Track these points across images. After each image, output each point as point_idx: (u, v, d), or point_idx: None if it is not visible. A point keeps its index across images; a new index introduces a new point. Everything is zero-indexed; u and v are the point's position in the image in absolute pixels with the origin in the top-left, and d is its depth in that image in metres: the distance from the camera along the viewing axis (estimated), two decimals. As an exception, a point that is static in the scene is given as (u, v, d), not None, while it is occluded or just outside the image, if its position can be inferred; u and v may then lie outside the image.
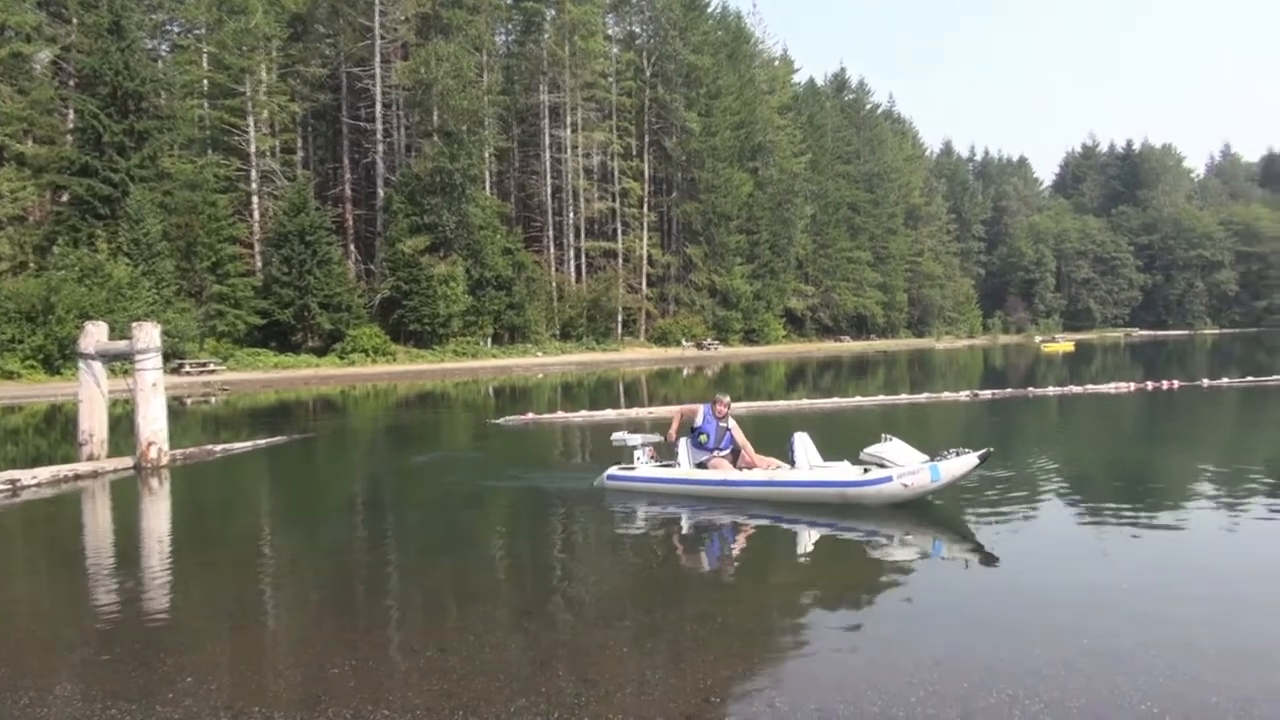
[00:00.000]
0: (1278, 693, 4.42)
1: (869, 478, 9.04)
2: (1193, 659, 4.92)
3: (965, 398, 23.50)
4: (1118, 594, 6.44)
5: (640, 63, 68.35)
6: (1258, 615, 5.77)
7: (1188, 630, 5.44)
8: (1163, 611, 5.87)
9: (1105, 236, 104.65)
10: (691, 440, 10.45)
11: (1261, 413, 20.52)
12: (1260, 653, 5.09)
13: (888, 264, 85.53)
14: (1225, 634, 5.37)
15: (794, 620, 6.10)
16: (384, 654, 5.53)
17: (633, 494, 10.32)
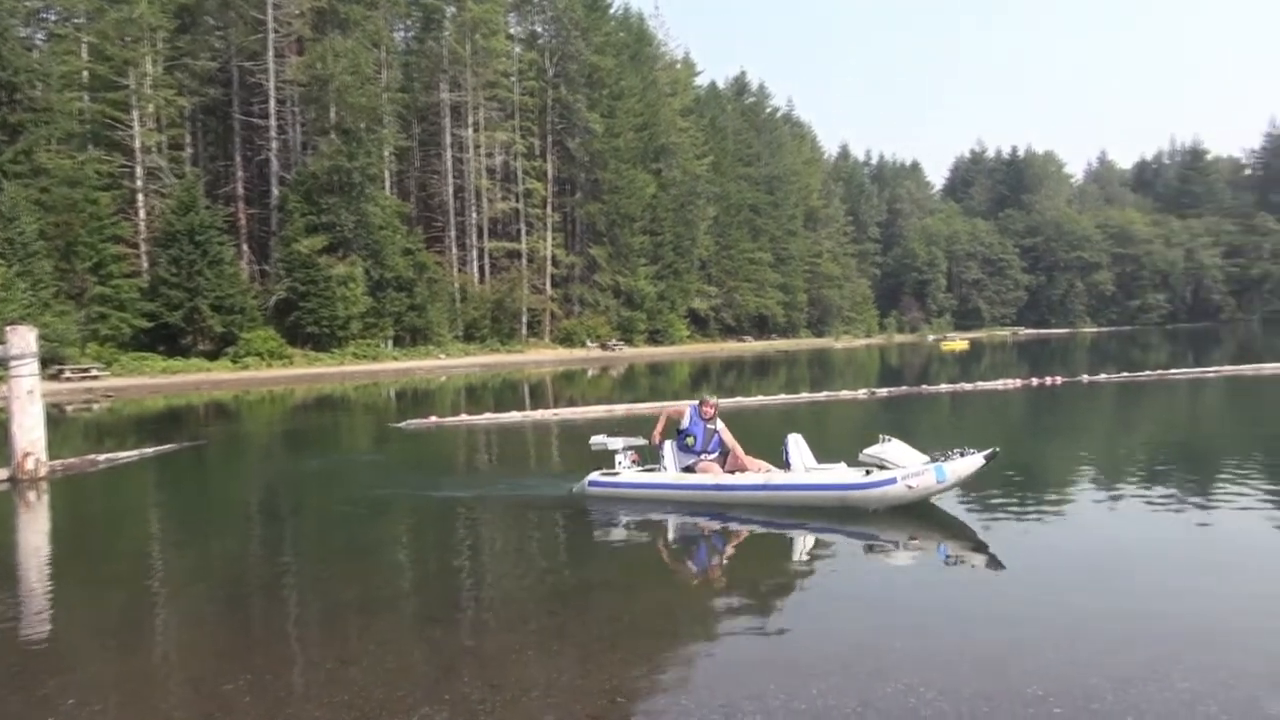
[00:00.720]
0: (1156, 673, 4.67)
1: (871, 480, 8.68)
2: (1079, 643, 5.17)
3: (863, 396, 24.13)
4: (1009, 582, 6.71)
5: (543, 62, 68.08)
6: (1142, 599, 6.09)
7: (1076, 615, 5.71)
8: (1052, 598, 6.14)
9: (993, 239, 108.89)
10: (677, 443, 9.91)
11: (1136, 406, 21.67)
12: (1143, 635, 5.37)
13: (788, 265, 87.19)
14: (1111, 617, 5.65)
15: (703, 619, 6.17)
16: (281, 668, 5.38)
17: (615, 501, 9.75)
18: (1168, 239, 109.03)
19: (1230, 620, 5.57)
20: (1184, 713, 4.16)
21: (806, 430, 9.69)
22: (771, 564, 7.66)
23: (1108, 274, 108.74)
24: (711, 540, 8.64)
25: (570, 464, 15.13)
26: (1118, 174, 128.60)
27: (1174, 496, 9.53)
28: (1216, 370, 28.62)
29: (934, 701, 4.34)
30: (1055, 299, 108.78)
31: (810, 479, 9.02)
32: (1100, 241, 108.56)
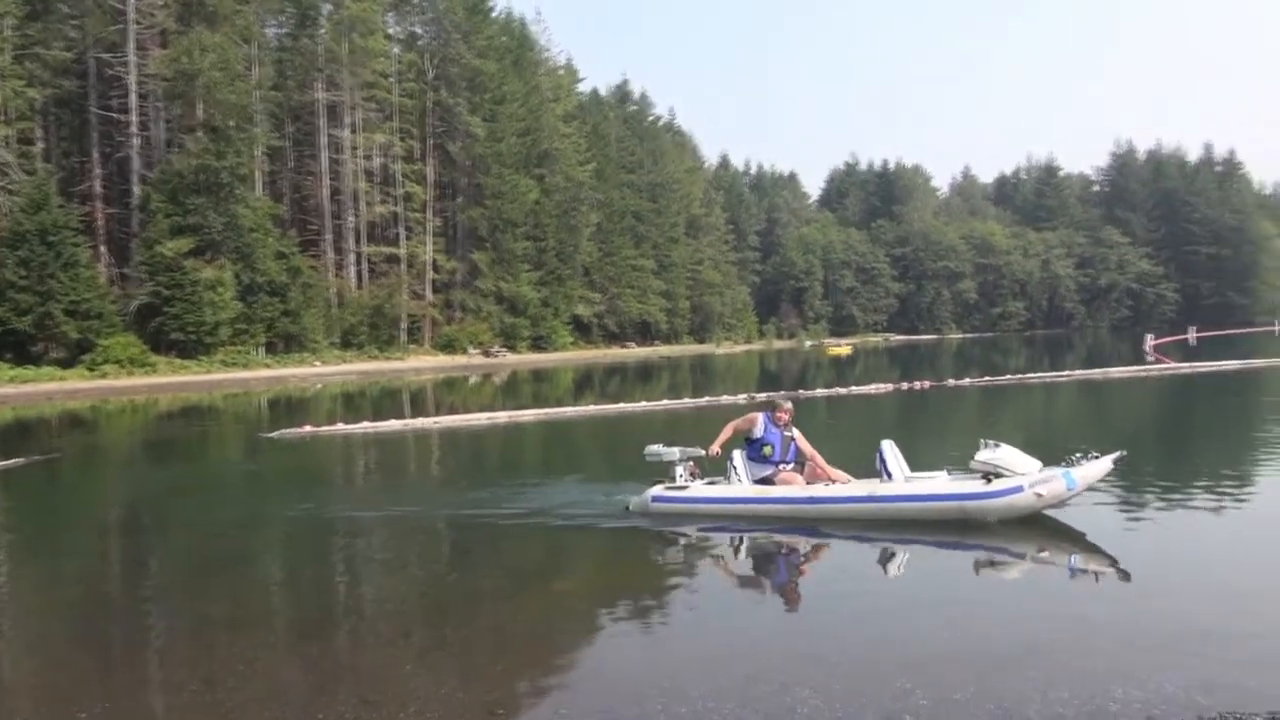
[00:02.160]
0: (987, 668, 4.93)
1: (995, 489, 7.95)
2: (945, 634, 5.41)
3: (743, 400, 24.61)
4: (876, 580, 6.97)
5: (423, 64, 66.89)
6: (997, 591, 6.41)
7: (935, 608, 5.98)
8: (912, 594, 6.40)
9: (866, 248, 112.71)
10: (749, 453, 9.09)
11: (997, 408, 22.80)
12: (954, 643, 5.65)
13: (670, 272, 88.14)
14: (960, 616, 5.93)
15: (585, 626, 6.18)
16: (142, 692, 5.12)
17: (683, 518, 8.83)
18: (1025, 250, 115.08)
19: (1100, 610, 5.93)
20: (1038, 697, 4.40)
21: (687, 435, 9.81)
22: (648, 569, 7.73)
23: (971, 283, 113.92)
24: (590, 543, 8.65)
25: (450, 471, 14.92)
26: (980, 188, 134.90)
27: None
28: (1069, 374, 30.41)
29: (807, 699, 4.47)
30: (924, 306, 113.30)
31: (925, 489, 8.28)
32: (964, 252, 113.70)
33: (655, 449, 9.32)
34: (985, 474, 8.08)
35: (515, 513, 9.70)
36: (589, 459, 15.40)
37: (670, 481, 9.10)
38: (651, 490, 9.10)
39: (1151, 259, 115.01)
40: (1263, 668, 4.73)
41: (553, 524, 9.19)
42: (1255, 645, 5.13)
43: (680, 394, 27.77)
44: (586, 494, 10.60)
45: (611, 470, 13.05)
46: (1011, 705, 4.31)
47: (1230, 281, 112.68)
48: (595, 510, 9.59)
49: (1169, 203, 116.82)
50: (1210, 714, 4.11)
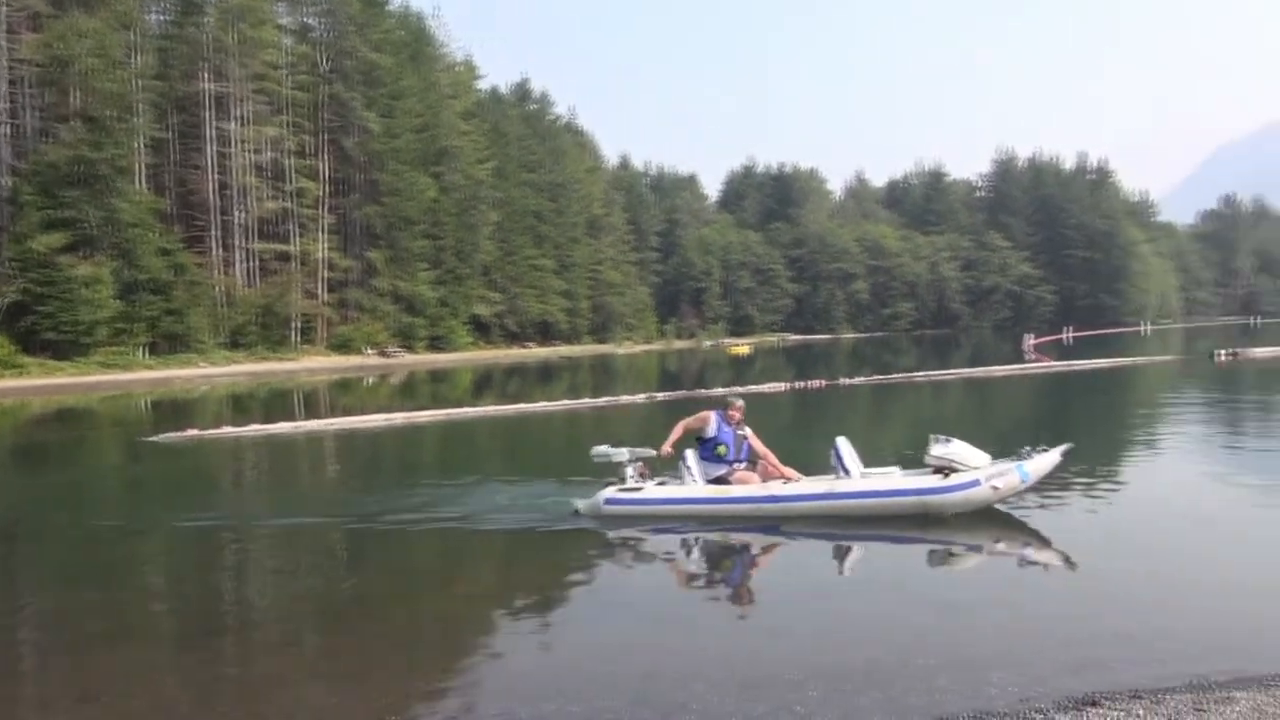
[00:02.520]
0: (839, 671, 5.12)
1: (954, 483, 8.09)
2: (842, 626, 5.57)
3: (642, 400, 24.77)
4: (787, 576, 7.13)
5: (316, 57, 65.09)
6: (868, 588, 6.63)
7: (837, 601, 6.15)
8: (818, 588, 6.57)
9: (763, 250, 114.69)
10: (702, 453, 8.96)
11: (887, 405, 23.54)
12: (848, 633, 5.85)
13: (571, 272, 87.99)
14: (860, 609, 6.12)
15: (480, 628, 6.14)
16: (9, 711, 4.86)
17: (638, 520, 8.60)
18: (915, 253, 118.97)
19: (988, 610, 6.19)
20: (922, 686, 4.58)
21: (590, 434, 9.83)
22: (546, 569, 7.72)
23: (864, 284, 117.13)
24: (488, 544, 8.58)
25: (346, 475, 14.58)
26: (872, 192, 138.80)
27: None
28: (955, 373, 31.59)
29: (704, 695, 4.55)
30: (819, 306, 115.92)
31: (885, 485, 8.37)
32: (857, 254, 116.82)
33: (603, 449, 9.06)
34: (940, 469, 8.24)
35: (414, 516, 9.54)
36: (489, 460, 15.26)
37: (621, 483, 8.84)
38: (603, 492, 8.81)
39: (1031, 262, 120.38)
40: (1128, 649, 5.03)
41: (453, 526, 9.08)
42: (1122, 628, 5.45)
43: (581, 394, 27.76)
44: (487, 495, 10.51)
45: (511, 471, 12.97)
46: (898, 695, 4.47)
47: (1102, 284, 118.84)
48: (497, 511, 9.52)
49: (1047, 208, 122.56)
50: (1078, 694, 4.35)
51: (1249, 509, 9.02)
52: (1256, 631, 5.35)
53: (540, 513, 9.30)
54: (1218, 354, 34.23)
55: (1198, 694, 4.27)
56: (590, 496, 8.95)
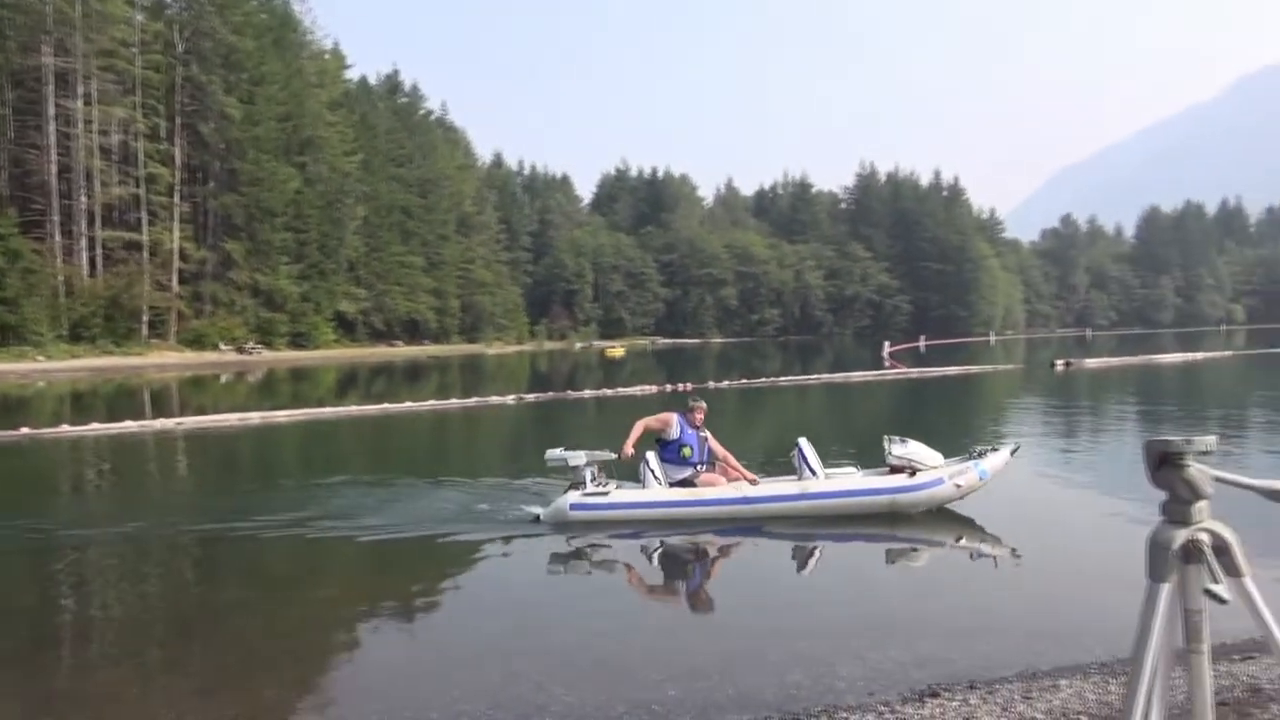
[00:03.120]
0: (754, 650, 5.27)
1: (920, 482, 8.39)
2: (699, 626, 5.68)
3: (511, 401, 24.60)
4: (638, 580, 7.21)
5: (171, 36, 61.85)
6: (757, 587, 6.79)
7: (698, 602, 6.27)
8: (691, 592, 6.68)
9: (635, 253, 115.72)
10: (664, 455, 8.84)
11: (754, 409, 24.13)
12: (705, 633, 6.01)
13: (441, 270, 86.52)
14: (720, 610, 6.26)
15: (338, 636, 5.98)
16: None
17: (602, 526, 8.40)
18: (781, 261, 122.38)
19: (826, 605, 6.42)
20: (775, 682, 4.74)
21: (458, 436, 9.71)
22: (408, 573, 7.59)
23: (733, 290, 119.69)
24: (347, 549, 8.36)
25: (197, 478, 13.91)
26: (741, 200, 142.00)
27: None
28: (818, 378, 32.71)
29: (560, 696, 4.57)
30: (689, 311, 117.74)
31: (856, 484, 8.58)
32: (727, 260, 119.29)
33: (557, 453, 8.77)
34: (900, 468, 8.53)
35: (271, 521, 9.19)
36: (351, 461, 14.84)
37: (581, 487, 8.57)
38: (567, 498, 8.55)
39: (890, 272, 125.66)
40: (967, 641, 5.33)
41: (313, 532, 8.80)
42: (962, 622, 5.78)
43: (449, 394, 27.34)
44: (351, 498, 10.24)
45: (374, 471, 12.67)
46: (752, 691, 4.61)
47: (954, 295, 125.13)
48: (360, 512, 9.28)
49: (905, 222, 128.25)
50: (920, 685, 4.58)
51: (1078, 506, 9.70)
52: (1083, 620, 5.76)
53: (401, 516, 9.13)
54: (1056, 364, 36.58)
55: (1027, 682, 4.57)
56: (549, 502, 8.71)
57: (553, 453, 8.81)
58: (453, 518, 9.07)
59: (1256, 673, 4.51)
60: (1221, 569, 1.44)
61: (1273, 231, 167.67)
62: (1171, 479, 1.49)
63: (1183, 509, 1.47)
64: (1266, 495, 1.54)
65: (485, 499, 9.84)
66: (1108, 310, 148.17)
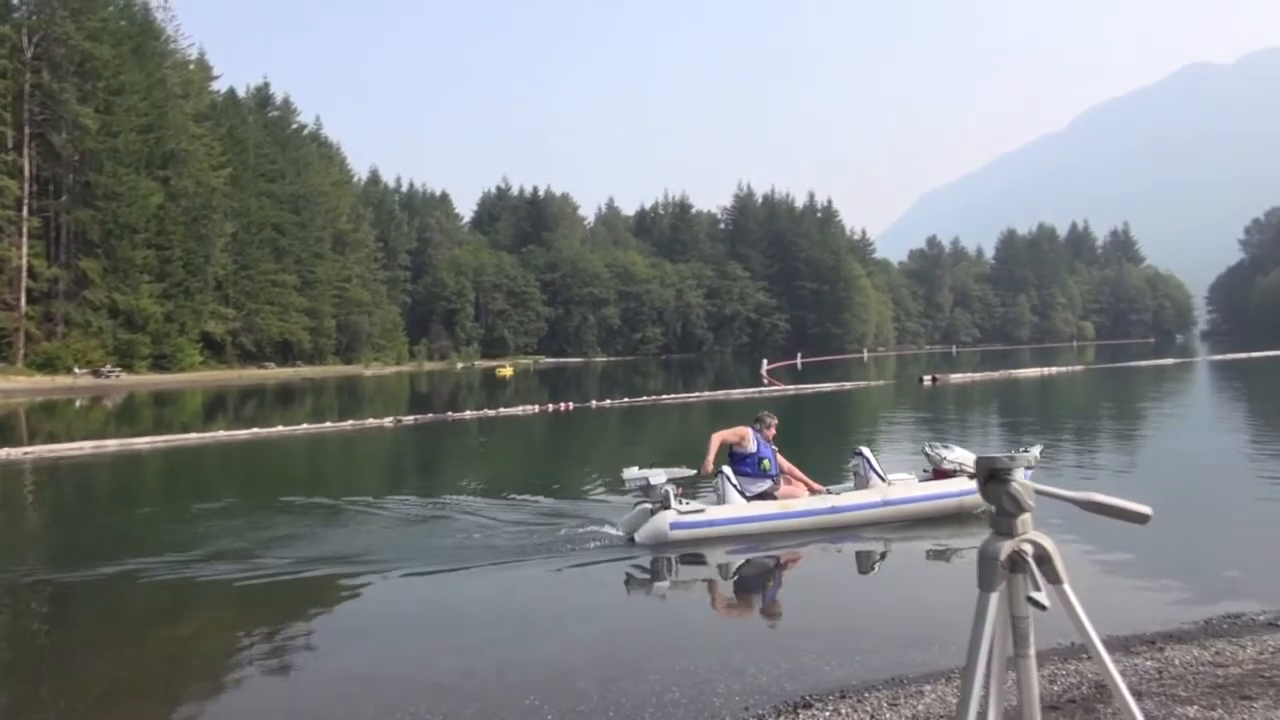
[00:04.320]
0: (633, 670, 5.30)
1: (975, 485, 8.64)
2: (580, 646, 5.67)
3: (390, 424, 24.05)
4: (515, 602, 7.15)
5: (19, 40, 58.26)
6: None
7: (571, 622, 6.26)
8: (572, 609, 6.65)
9: (517, 272, 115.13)
10: (741, 469, 8.85)
11: (635, 427, 24.29)
12: (580, 655, 6.03)
13: (315, 288, 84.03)
14: (600, 629, 6.26)
15: (198, 674, 5.71)
16: None
17: (702, 544, 8.36)
18: (662, 280, 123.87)
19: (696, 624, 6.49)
20: (654, 700, 4.78)
21: (334, 460, 9.43)
22: (289, 609, 7.32)
23: (615, 309, 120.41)
24: (238, 586, 8.01)
25: (48, 510, 13.05)
26: (623, 219, 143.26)
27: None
28: (699, 395, 33.19)
29: (424, 715, 4.50)
30: (571, 330, 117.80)
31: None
32: (609, 280, 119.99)
33: (635, 473, 8.61)
34: (950, 472, 9.15)
35: (130, 555, 8.70)
36: (220, 489, 14.21)
37: (660, 505, 8.44)
38: (665, 517, 8.36)
39: (767, 291, 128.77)
40: (838, 651, 5.49)
41: (175, 565, 8.37)
42: (833, 632, 5.95)
43: (325, 417, 26.54)
44: (218, 528, 9.80)
45: (246, 499, 12.18)
46: (630, 711, 4.63)
47: (829, 314, 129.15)
48: (225, 546, 8.89)
49: (781, 242, 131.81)
50: (795, 697, 4.70)
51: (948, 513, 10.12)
52: (951, 625, 6.00)
53: (271, 550, 8.80)
54: (924, 379, 38.18)
55: (894, 690, 4.74)
56: (640, 523, 8.51)
57: (631, 472, 8.68)
58: (327, 556, 8.78)
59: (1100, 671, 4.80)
60: (1044, 577, 1.56)
61: (1117, 253, 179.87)
62: (998, 493, 1.60)
63: (1008, 521, 1.58)
64: (1082, 506, 1.66)
65: (352, 527, 9.57)
66: (971, 327, 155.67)
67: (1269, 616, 5.82)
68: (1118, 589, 6.86)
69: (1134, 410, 24.60)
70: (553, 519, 9.86)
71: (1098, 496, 1.63)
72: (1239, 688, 4.36)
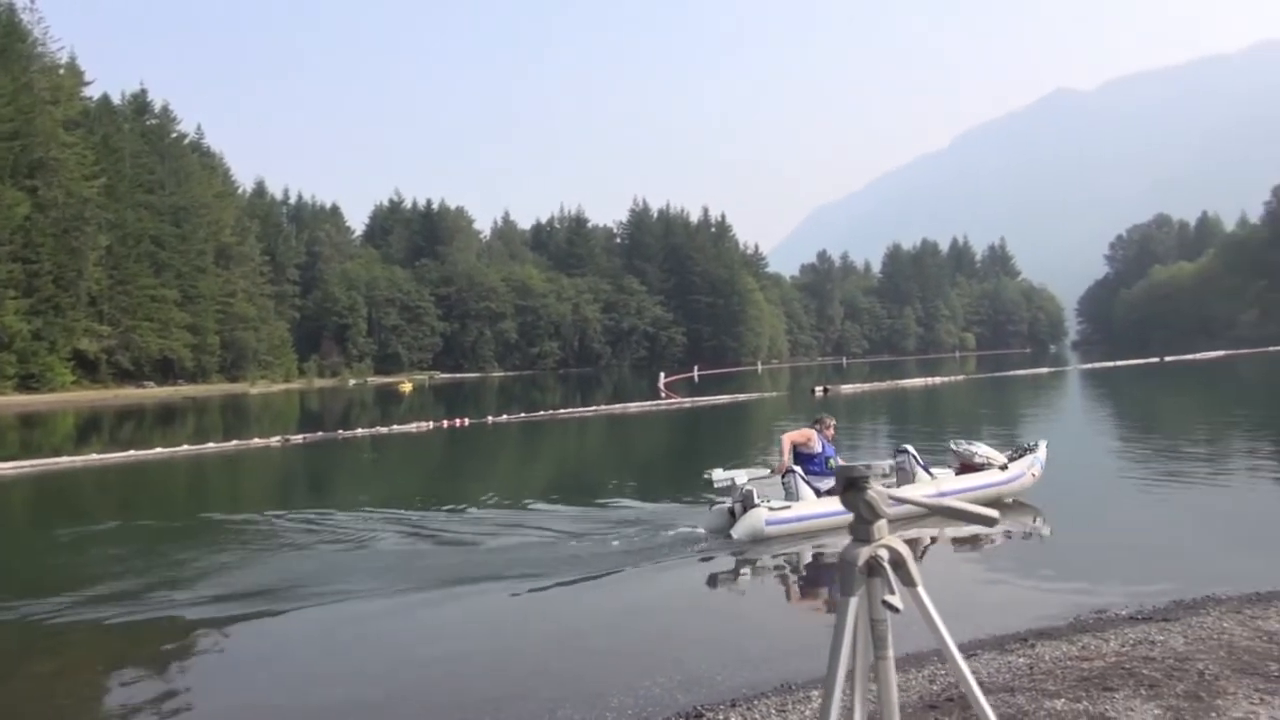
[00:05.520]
0: (526, 689, 5.28)
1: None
2: (461, 672, 5.60)
3: (276, 443, 23.30)
4: (404, 623, 7.03)
5: None
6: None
7: (442, 648, 6.18)
8: (460, 633, 6.56)
9: (411, 286, 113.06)
10: (810, 467, 9.56)
11: (535, 443, 24.15)
12: (469, 674, 5.99)
13: (198, 304, 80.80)
14: (488, 649, 6.20)
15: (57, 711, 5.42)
16: None
17: (793, 538, 8.88)
18: (559, 294, 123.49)
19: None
20: (547, 717, 4.77)
21: (223, 481, 9.10)
22: (155, 653, 7.02)
23: (512, 323, 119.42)
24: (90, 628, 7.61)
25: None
26: (519, 233, 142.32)
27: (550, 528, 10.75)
28: (596, 409, 33.22)
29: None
30: (467, 345, 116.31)
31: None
32: (505, 294, 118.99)
33: (722, 474, 9.44)
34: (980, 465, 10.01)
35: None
36: (95, 515, 13.49)
37: (743, 504, 9.05)
38: (759, 514, 8.89)
39: (664, 305, 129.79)
40: (729, 661, 5.59)
41: (41, 601, 7.93)
42: (724, 642, 6.05)
43: (208, 438, 25.53)
44: (91, 557, 9.32)
45: (120, 526, 11.62)
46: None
47: (724, 327, 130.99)
48: (96, 573, 8.46)
49: (676, 256, 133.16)
50: (687, 708, 4.76)
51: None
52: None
53: (146, 576, 8.42)
54: (816, 390, 39.13)
55: (783, 696, 4.85)
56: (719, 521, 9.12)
57: (719, 473, 9.52)
58: (213, 584, 8.46)
59: (978, 668, 5.02)
60: (899, 581, 1.64)
61: (995, 267, 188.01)
62: (856, 501, 1.68)
63: (865, 528, 1.67)
64: (936, 512, 1.76)
65: (238, 550, 9.25)
66: (861, 339, 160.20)
67: (1130, 611, 6.18)
68: (998, 590, 7.20)
69: (1013, 417, 25.76)
70: (443, 539, 9.70)
71: (950, 502, 1.72)
72: (1102, 679, 4.62)
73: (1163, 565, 7.82)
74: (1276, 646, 4.98)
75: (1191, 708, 4.08)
